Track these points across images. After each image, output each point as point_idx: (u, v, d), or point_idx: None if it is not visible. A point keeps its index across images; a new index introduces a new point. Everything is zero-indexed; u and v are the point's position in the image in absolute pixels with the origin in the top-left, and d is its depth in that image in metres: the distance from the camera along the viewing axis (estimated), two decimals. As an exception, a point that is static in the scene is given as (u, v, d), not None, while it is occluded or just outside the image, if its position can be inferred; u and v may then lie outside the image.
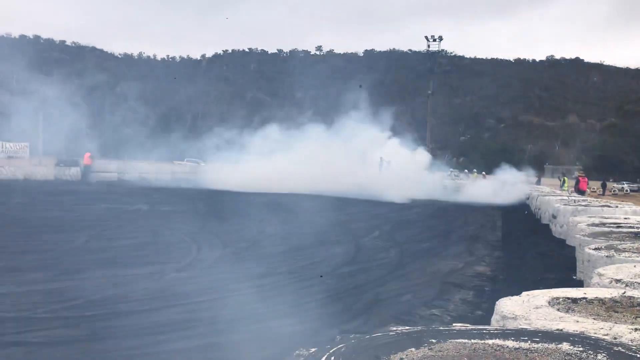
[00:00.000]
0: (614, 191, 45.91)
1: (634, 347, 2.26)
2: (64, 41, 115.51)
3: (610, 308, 3.09)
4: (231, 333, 5.14)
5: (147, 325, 5.26)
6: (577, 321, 2.76)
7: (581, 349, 2.24)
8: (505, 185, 28.64)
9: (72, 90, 32.90)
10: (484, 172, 44.37)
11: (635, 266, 4.30)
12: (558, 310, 3.01)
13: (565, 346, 2.28)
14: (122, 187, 25.93)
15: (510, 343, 2.32)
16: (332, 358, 2.11)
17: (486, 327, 2.63)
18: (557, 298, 3.25)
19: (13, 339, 4.76)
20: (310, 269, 8.36)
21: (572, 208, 11.65)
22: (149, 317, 5.53)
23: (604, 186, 45.28)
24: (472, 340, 2.34)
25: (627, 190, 49.49)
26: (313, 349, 2.25)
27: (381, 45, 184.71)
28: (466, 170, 45.44)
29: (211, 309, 5.95)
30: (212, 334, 5.09)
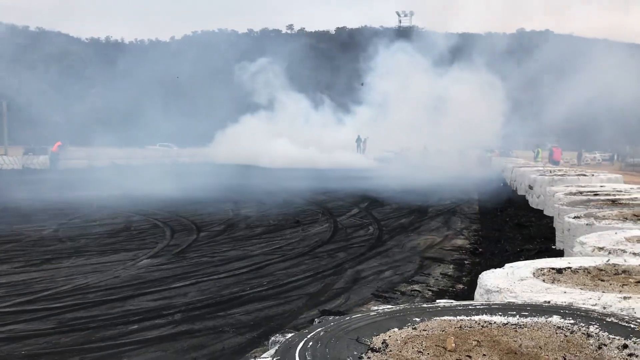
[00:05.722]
0: (586, 161, 46.54)
1: (626, 317, 2.14)
2: (27, 26, 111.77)
3: (596, 277, 3.01)
4: (206, 320, 4.96)
5: (119, 315, 5.05)
6: (565, 292, 2.66)
7: (572, 321, 2.12)
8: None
9: (38, 77, 31.96)
10: None
11: (616, 233, 4.23)
12: (544, 281, 2.91)
13: (555, 319, 2.15)
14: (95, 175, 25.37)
15: (497, 318, 2.19)
16: (310, 343, 1.94)
17: (472, 302, 2.49)
18: (542, 269, 3.14)
19: (-26, 335, 4.49)
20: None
21: (549, 178, 11.63)
22: (121, 307, 5.32)
23: (579, 156, 45.91)
24: (458, 317, 2.20)
25: (599, 160, 50.21)
26: (290, 334, 2.07)
27: (352, 23, 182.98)
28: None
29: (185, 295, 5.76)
30: (186, 321, 4.91)
